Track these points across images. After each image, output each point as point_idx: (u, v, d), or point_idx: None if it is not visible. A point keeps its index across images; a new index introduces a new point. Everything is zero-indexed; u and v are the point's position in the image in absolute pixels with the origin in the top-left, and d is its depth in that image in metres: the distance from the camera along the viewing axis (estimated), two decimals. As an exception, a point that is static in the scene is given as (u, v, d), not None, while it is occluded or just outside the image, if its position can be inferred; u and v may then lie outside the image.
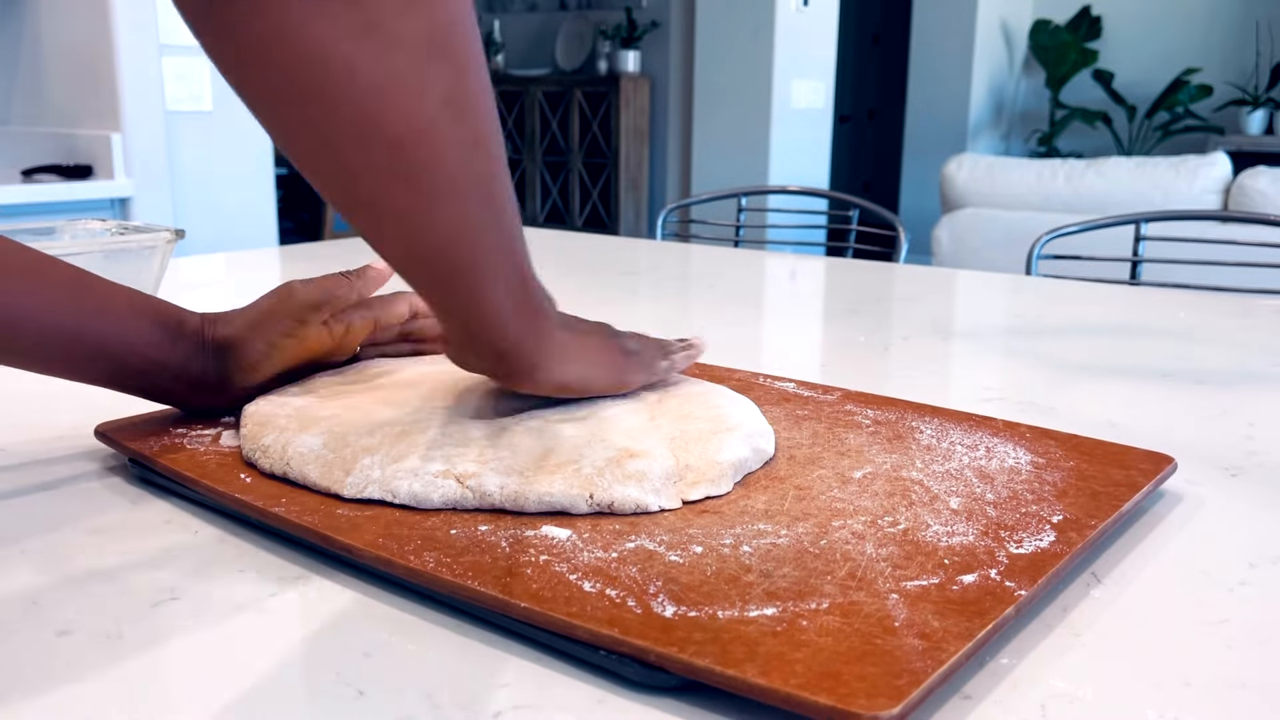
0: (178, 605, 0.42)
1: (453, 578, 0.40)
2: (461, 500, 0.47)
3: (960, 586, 0.40)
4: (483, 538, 0.44)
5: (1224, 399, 0.74)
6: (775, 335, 1.01)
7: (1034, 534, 0.44)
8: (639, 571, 0.41)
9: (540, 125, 5.73)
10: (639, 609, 0.38)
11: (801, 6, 4.62)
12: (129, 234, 0.90)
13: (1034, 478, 0.51)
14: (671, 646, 0.35)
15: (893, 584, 0.40)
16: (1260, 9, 5.47)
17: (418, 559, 0.42)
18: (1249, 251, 1.56)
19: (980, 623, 0.37)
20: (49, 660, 0.38)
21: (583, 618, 0.37)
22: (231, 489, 0.50)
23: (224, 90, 2.48)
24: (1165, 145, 5.61)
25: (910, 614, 0.37)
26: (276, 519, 0.47)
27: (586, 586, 0.40)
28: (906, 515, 0.46)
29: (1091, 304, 1.11)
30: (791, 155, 4.78)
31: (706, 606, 0.38)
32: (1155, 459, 0.54)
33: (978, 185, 3.50)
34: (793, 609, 0.38)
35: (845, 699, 0.32)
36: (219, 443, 0.56)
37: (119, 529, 0.49)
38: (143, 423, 0.59)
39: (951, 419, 0.61)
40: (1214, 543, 0.49)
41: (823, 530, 0.45)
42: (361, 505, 0.48)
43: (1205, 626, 0.41)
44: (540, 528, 0.45)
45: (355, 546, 0.44)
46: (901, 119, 6.15)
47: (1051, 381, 0.79)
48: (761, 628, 0.36)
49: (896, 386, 0.78)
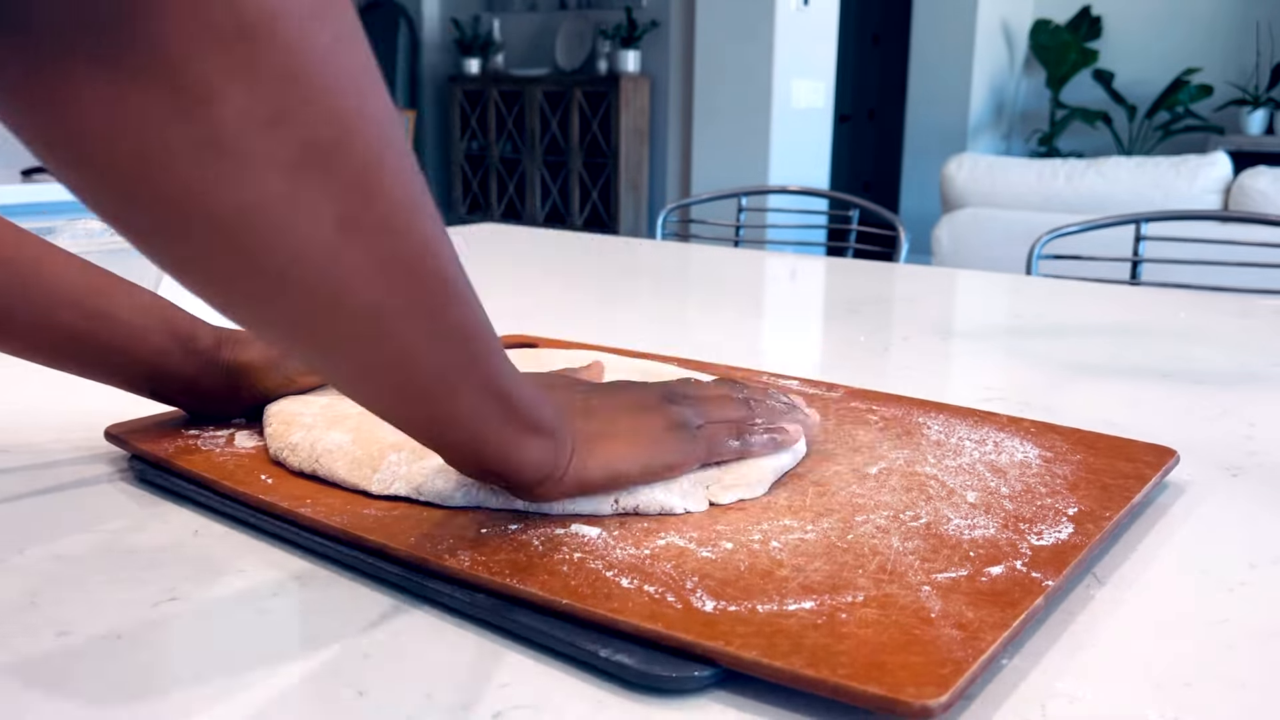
0: (178, 605, 0.42)
1: (490, 576, 0.40)
2: (486, 500, 0.47)
3: (989, 578, 0.40)
4: (514, 536, 0.44)
5: (1224, 399, 0.74)
6: (775, 335, 1.01)
7: (1053, 526, 0.45)
8: (673, 567, 0.41)
9: (540, 125, 5.73)
10: (679, 604, 0.38)
11: (801, 6, 4.62)
12: (129, 234, 0.90)
13: (1044, 471, 0.52)
14: (717, 640, 0.36)
15: (923, 576, 0.40)
16: (1260, 9, 5.47)
17: (453, 559, 0.42)
18: (1249, 251, 1.56)
19: (1013, 612, 0.38)
20: (49, 660, 0.38)
21: (625, 613, 0.37)
22: (254, 490, 0.49)
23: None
24: (1165, 145, 5.61)
25: (945, 605, 0.38)
26: (304, 519, 0.47)
27: (624, 583, 0.40)
28: (926, 509, 0.47)
29: (1091, 304, 1.11)
30: (791, 155, 4.78)
31: (745, 601, 0.38)
32: (1158, 451, 0.55)
33: (978, 185, 3.50)
34: (830, 602, 0.38)
35: (894, 688, 0.33)
36: (234, 444, 0.56)
37: (119, 529, 0.49)
38: (154, 425, 0.59)
39: (956, 415, 0.62)
40: (1214, 543, 0.49)
41: (848, 525, 0.45)
42: (388, 504, 0.48)
43: (1205, 626, 0.41)
44: (570, 526, 0.45)
45: (390, 547, 0.43)
46: (901, 119, 6.15)
47: (1052, 381, 0.79)
48: (802, 620, 0.37)
49: (897, 386, 0.78)
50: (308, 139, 0.28)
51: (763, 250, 1.85)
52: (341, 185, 0.30)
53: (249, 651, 0.39)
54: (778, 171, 4.73)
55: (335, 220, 0.30)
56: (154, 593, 0.43)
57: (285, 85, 0.27)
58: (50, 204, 2.26)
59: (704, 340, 0.95)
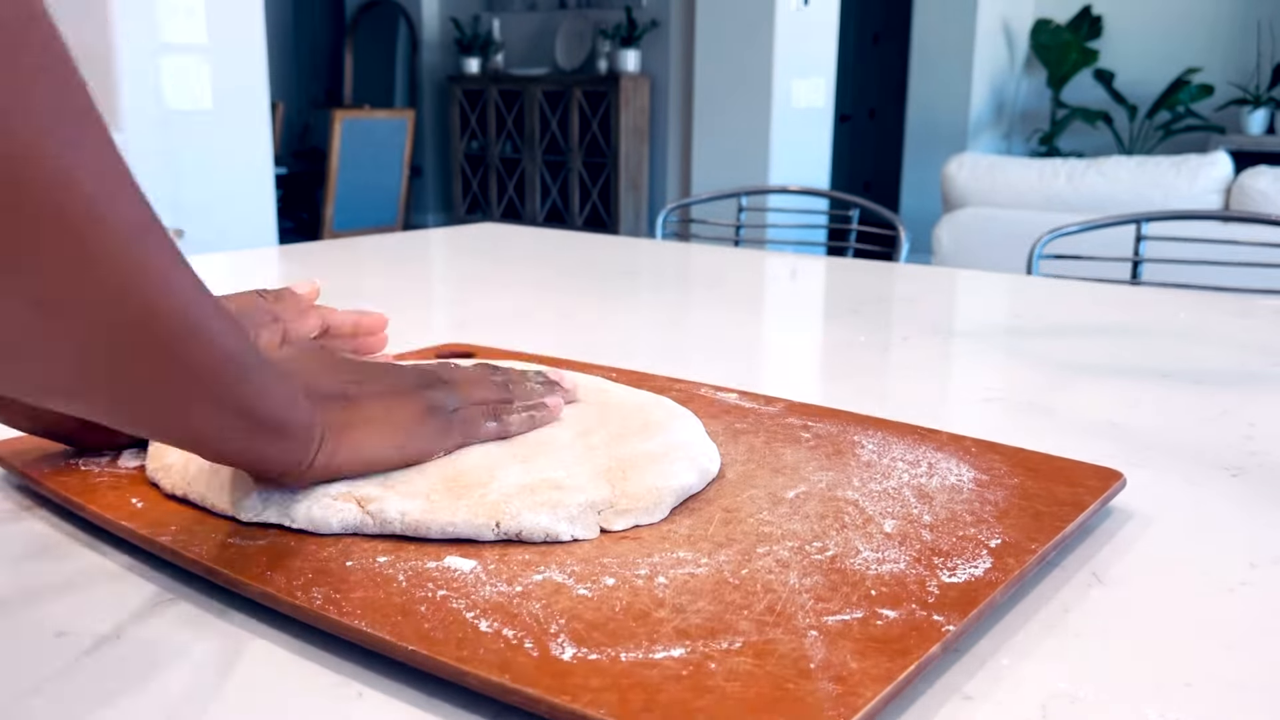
0: (177, 605, 0.42)
1: (339, 617, 0.38)
2: (362, 526, 0.44)
3: (884, 621, 0.37)
4: (380, 570, 0.41)
5: (1224, 399, 0.73)
6: (775, 335, 1.01)
7: (969, 560, 0.42)
8: (542, 608, 0.38)
9: (540, 125, 5.73)
10: (535, 651, 0.35)
11: (801, 6, 4.62)
12: (129, 233, 0.90)
13: (975, 496, 0.49)
14: (564, 695, 0.33)
15: (813, 619, 0.38)
16: (1261, 9, 5.47)
17: (305, 596, 0.39)
18: (1250, 251, 1.56)
19: (902, 663, 0.35)
20: (48, 660, 0.38)
21: (473, 662, 0.35)
22: (119, 515, 0.46)
23: (223, 90, 2.49)
24: (1166, 145, 5.61)
25: (828, 654, 0.35)
26: (162, 549, 0.44)
27: (483, 626, 0.37)
28: (837, 540, 0.44)
29: (1091, 304, 1.11)
30: (791, 155, 4.78)
31: (609, 648, 0.35)
32: (1103, 474, 0.52)
33: (978, 185, 3.50)
34: (702, 649, 0.35)
35: None
36: (117, 464, 0.53)
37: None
38: (44, 443, 0.55)
39: (895, 432, 0.59)
40: (1214, 543, 0.49)
41: (746, 558, 0.42)
42: (259, 531, 0.45)
43: (1205, 626, 0.41)
44: (444, 558, 0.42)
45: (242, 581, 0.41)
46: (902, 118, 6.15)
47: (1051, 381, 0.79)
48: (666, 671, 0.34)
49: (896, 386, 0.78)
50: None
51: (763, 250, 1.85)
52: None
53: (248, 651, 0.39)
54: (778, 171, 4.73)
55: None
56: (154, 593, 0.43)
57: None
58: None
59: (703, 340, 0.95)
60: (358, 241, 1.55)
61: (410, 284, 1.23)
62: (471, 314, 1.04)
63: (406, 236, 1.60)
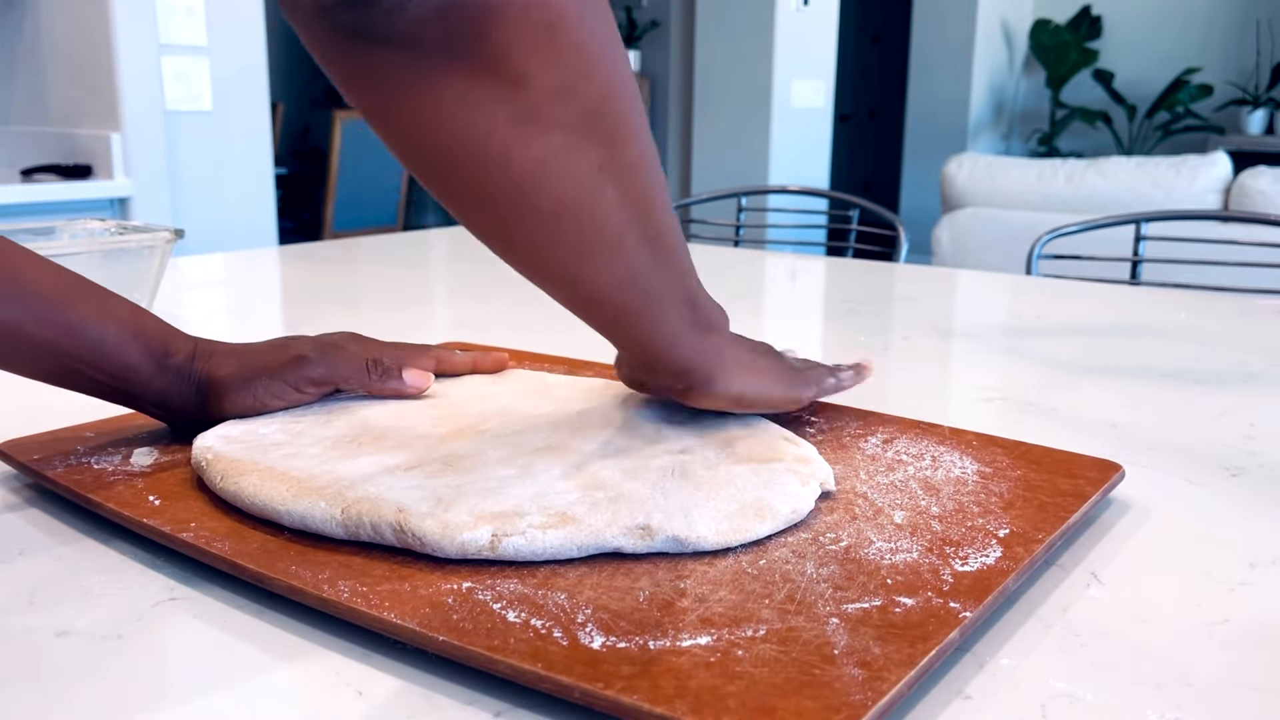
0: (177, 605, 0.42)
1: (368, 609, 0.38)
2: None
3: (903, 609, 0.38)
4: (402, 563, 0.42)
5: (1224, 399, 0.74)
6: (775, 335, 1.01)
7: (980, 550, 0.43)
8: (567, 599, 0.39)
9: (540, 125, 5.73)
10: (565, 640, 0.36)
11: (801, 6, 4.62)
12: (128, 234, 0.90)
13: (980, 489, 0.50)
14: (598, 682, 0.33)
15: (833, 607, 0.38)
16: (1260, 9, 5.47)
17: (332, 589, 0.40)
18: (1249, 251, 1.56)
19: (924, 648, 0.35)
20: (48, 660, 0.38)
21: (505, 651, 0.35)
22: (138, 512, 0.47)
23: (223, 90, 2.49)
24: (1166, 145, 5.61)
25: (851, 640, 0.36)
26: (184, 545, 0.45)
27: (511, 616, 0.38)
28: (849, 531, 0.45)
29: (1091, 304, 1.11)
30: (791, 155, 4.78)
31: (637, 636, 0.36)
32: (1103, 466, 0.53)
33: (978, 185, 3.50)
34: (728, 637, 0.36)
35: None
36: (129, 461, 0.54)
37: (119, 528, 0.49)
38: (50, 440, 0.56)
39: (898, 427, 0.59)
40: (1214, 543, 0.49)
41: (762, 549, 0.43)
42: (278, 527, 0.45)
43: (1205, 626, 0.41)
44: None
45: (268, 576, 0.41)
46: (901, 119, 6.15)
47: (1051, 381, 0.79)
48: (694, 658, 0.35)
49: (896, 386, 0.78)
50: (583, 102, 0.37)
51: (763, 250, 1.85)
52: (603, 136, 0.39)
53: (248, 651, 0.39)
54: (778, 171, 4.73)
55: (597, 165, 0.39)
56: (153, 592, 0.43)
57: (573, 63, 0.36)
58: (50, 204, 2.26)
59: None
60: (358, 242, 1.55)
61: (410, 284, 1.23)
62: (471, 314, 1.04)
63: (406, 237, 1.60)
